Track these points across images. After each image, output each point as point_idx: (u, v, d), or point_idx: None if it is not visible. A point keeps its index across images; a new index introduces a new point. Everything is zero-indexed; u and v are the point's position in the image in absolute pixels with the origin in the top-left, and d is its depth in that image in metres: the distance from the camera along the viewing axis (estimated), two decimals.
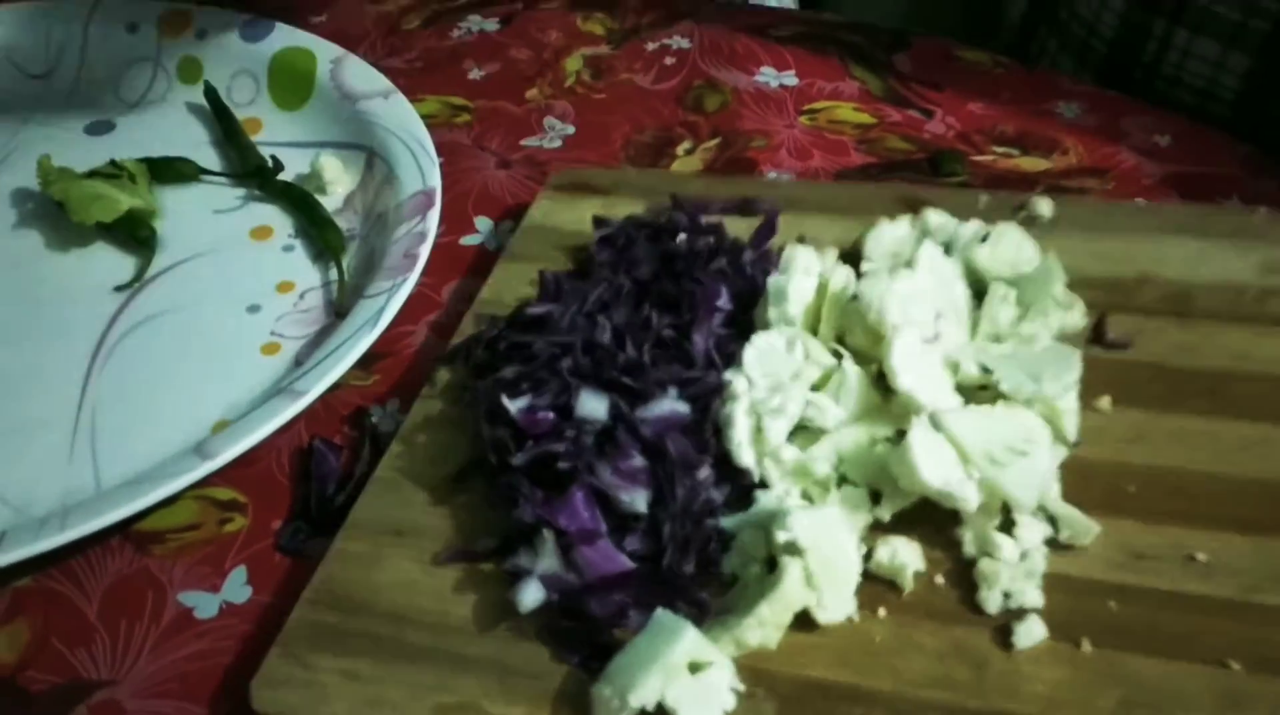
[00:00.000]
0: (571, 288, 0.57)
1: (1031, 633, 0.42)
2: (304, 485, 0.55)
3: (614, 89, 0.78)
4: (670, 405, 0.50)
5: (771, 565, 0.45)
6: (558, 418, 0.50)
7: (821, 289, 0.53)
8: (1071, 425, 0.48)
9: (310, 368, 0.57)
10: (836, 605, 0.44)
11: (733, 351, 0.52)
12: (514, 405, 0.50)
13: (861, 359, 0.50)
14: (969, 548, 0.45)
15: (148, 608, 0.51)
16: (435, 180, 0.67)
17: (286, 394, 0.56)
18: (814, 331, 0.53)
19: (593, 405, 0.50)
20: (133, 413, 0.60)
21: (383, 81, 0.75)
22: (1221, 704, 0.39)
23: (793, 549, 0.43)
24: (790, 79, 0.77)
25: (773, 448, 0.48)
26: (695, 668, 0.42)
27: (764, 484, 0.48)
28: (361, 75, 0.76)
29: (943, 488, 0.44)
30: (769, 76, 0.78)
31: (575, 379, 0.51)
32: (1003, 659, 0.42)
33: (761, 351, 0.51)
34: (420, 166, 0.68)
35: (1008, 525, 0.46)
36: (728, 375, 0.50)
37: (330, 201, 0.70)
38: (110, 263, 0.69)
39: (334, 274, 0.65)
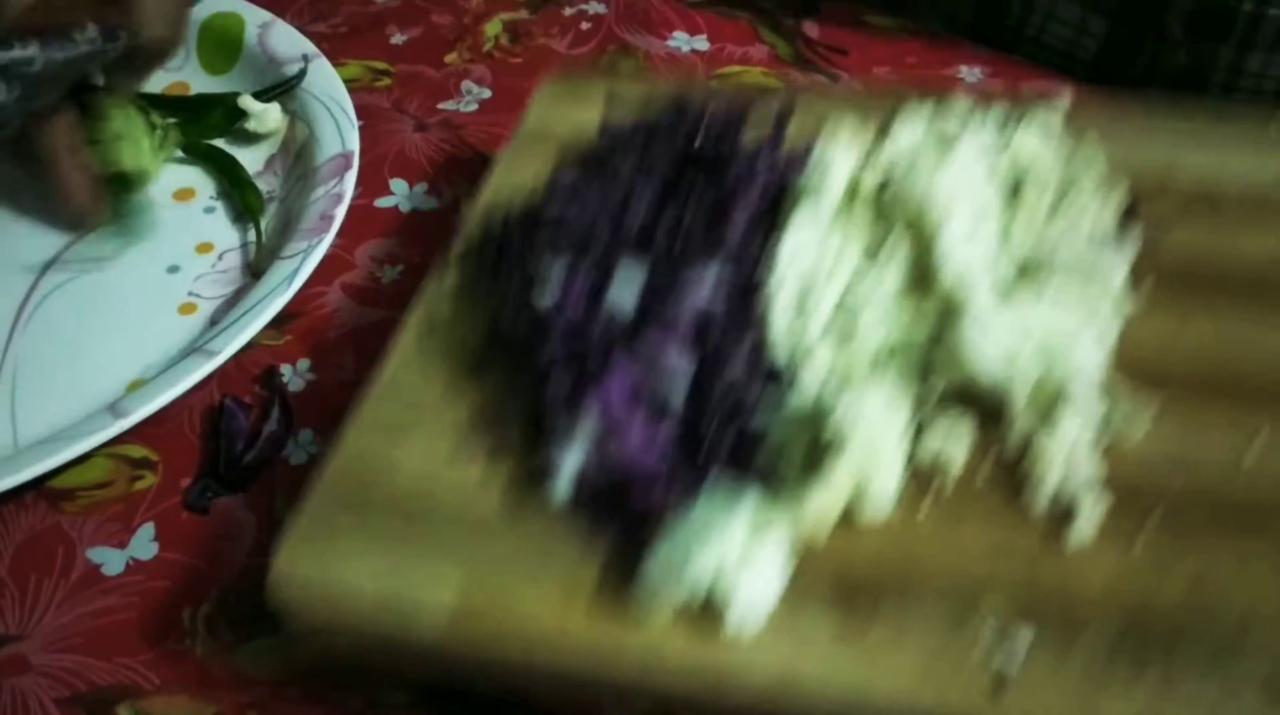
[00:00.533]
0: (588, 186, 0.55)
1: (1085, 523, 0.41)
2: (213, 443, 0.57)
3: (531, 54, 0.79)
4: (708, 291, 0.48)
5: (811, 461, 0.43)
6: (591, 302, 0.49)
7: (854, 183, 0.52)
8: (1118, 314, 0.48)
9: (224, 328, 0.59)
10: (883, 495, 0.43)
11: (768, 244, 0.50)
12: (547, 288, 0.49)
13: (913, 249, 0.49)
14: (1017, 438, 0.44)
15: (58, 564, 0.52)
16: (354, 143, 0.68)
17: (200, 354, 0.57)
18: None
19: (628, 289, 0.48)
20: (52, 373, 0.61)
21: (307, 45, 0.76)
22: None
23: (839, 437, 0.43)
24: (702, 43, 0.78)
25: (814, 333, 0.47)
26: (753, 538, 0.41)
27: (800, 376, 0.46)
28: (287, 39, 0.77)
29: (997, 374, 0.44)
30: (681, 41, 0.79)
31: (608, 260, 0.49)
32: (1055, 552, 0.41)
33: (802, 235, 0.49)
34: (340, 130, 0.69)
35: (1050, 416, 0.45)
36: (774, 262, 0.49)
37: (252, 162, 0.71)
38: (35, 223, 0.69)
39: (252, 235, 0.66)
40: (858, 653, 0.39)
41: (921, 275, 0.48)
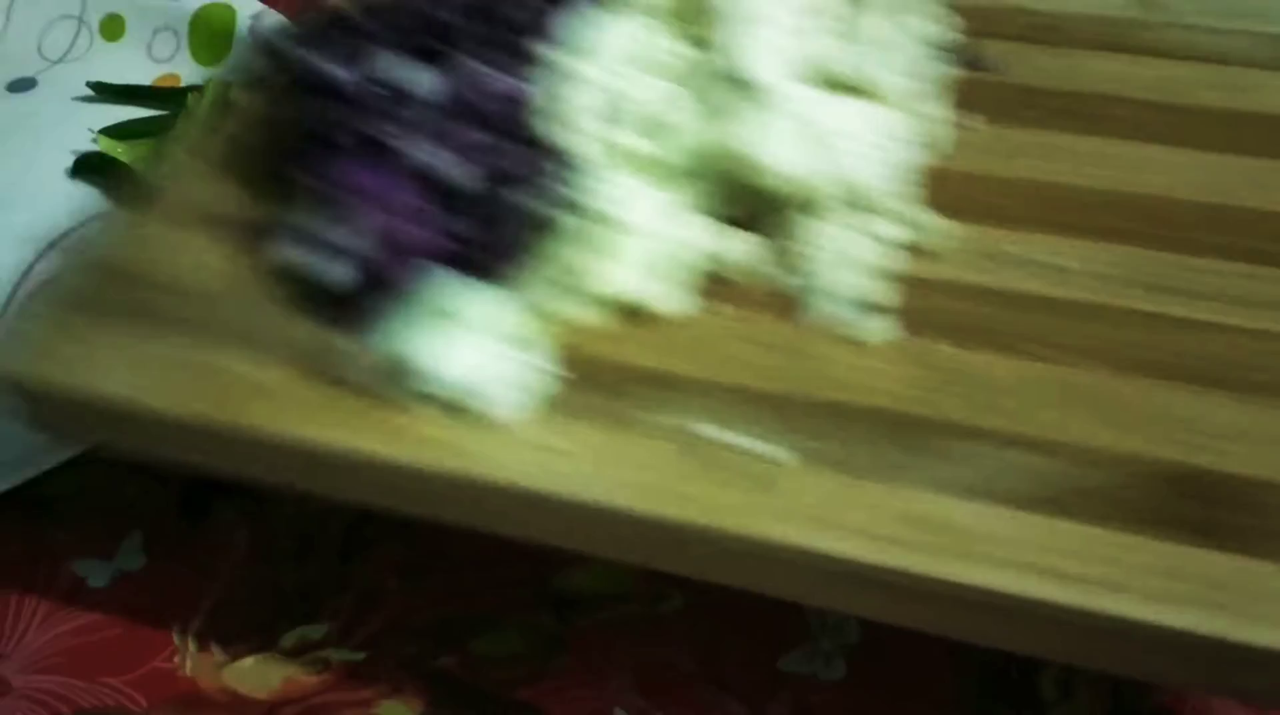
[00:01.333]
0: None
1: (869, 327, 0.40)
2: None
3: None
4: (510, 80, 0.45)
5: (582, 258, 0.42)
6: (388, 91, 0.45)
7: None
8: (938, 131, 0.46)
9: None
10: (672, 296, 0.42)
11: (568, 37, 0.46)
12: (341, 74, 0.45)
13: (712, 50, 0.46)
14: (816, 243, 0.43)
15: (40, 577, 0.50)
16: None
17: None
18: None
19: (425, 77, 0.45)
20: None
21: None
22: (1061, 395, 0.38)
23: (614, 220, 0.42)
24: None
25: (611, 134, 0.44)
26: (493, 335, 0.40)
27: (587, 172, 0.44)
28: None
29: (791, 172, 0.42)
30: None
31: (405, 49, 0.46)
32: (839, 353, 0.40)
33: (612, 35, 0.46)
34: None
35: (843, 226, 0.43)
36: (575, 57, 0.46)
37: None
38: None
39: None
40: (614, 451, 0.37)
41: (724, 74, 0.45)
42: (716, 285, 0.42)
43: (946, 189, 0.44)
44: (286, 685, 0.46)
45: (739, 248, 0.43)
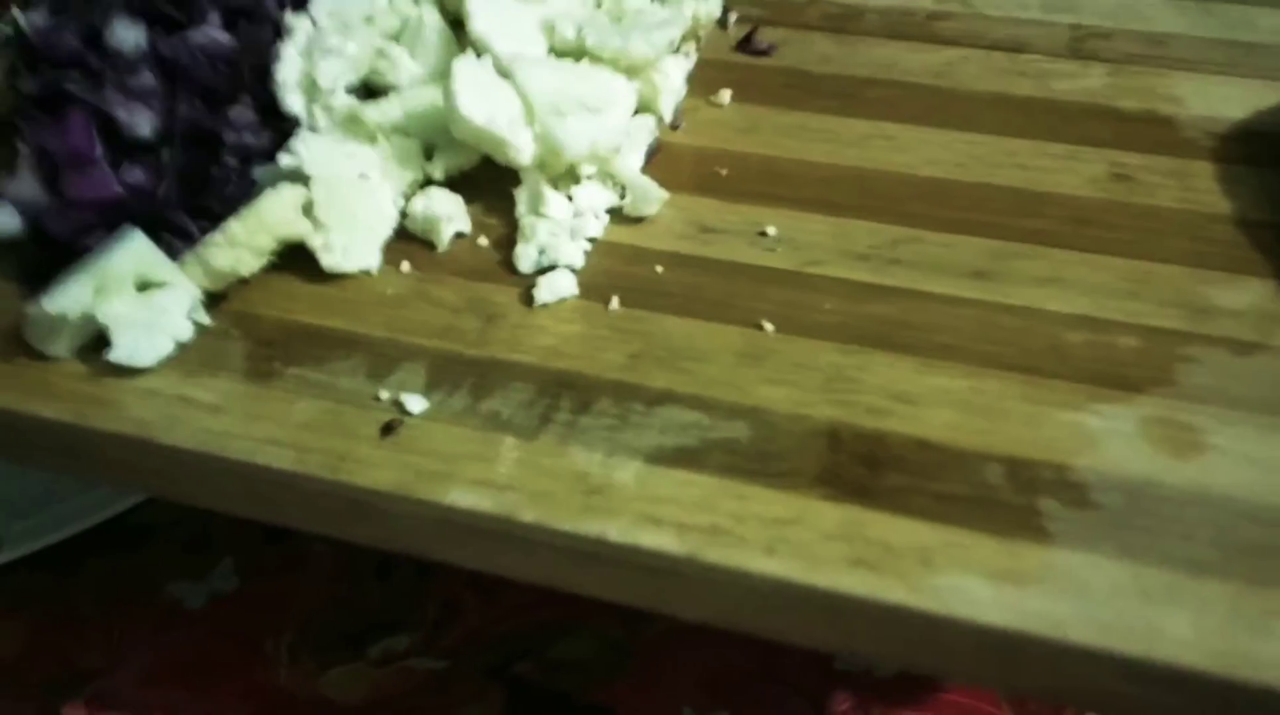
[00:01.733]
0: None
1: (554, 287, 0.39)
2: None
3: None
4: (210, 33, 0.44)
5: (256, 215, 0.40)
6: (84, 46, 0.44)
7: None
8: (669, 103, 0.46)
9: None
10: (353, 253, 0.41)
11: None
12: (32, 23, 0.45)
13: (447, 14, 0.46)
14: (520, 207, 0.42)
15: (140, 599, 0.53)
16: None
17: None
18: None
19: (124, 33, 0.44)
20: None
21: None
22: (739, 358, 0.37)
23: (295, 175, 0.41)
24: None
25: (324, 92, 0.44)
26: (146, 286, 0.39)
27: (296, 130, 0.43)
28: None
29: (487, 127, 0.41)
30: None
31: (139, 14, 0.45)
32: (521, 313, 0.39)
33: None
34: None
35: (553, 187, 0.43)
36: (289, 14, 0.46)
37: None
38: None
39: None
40: (252, 406, 0.37)
41: (452, 38, 0.45)
42: (411, 246, 0.42)
43: (675, 161, 0.45)
44: (375, 692, 0.49)
45: (431, 207, 0.42)
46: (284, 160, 0.41)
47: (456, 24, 0.45)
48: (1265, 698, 0.28)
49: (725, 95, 0.48)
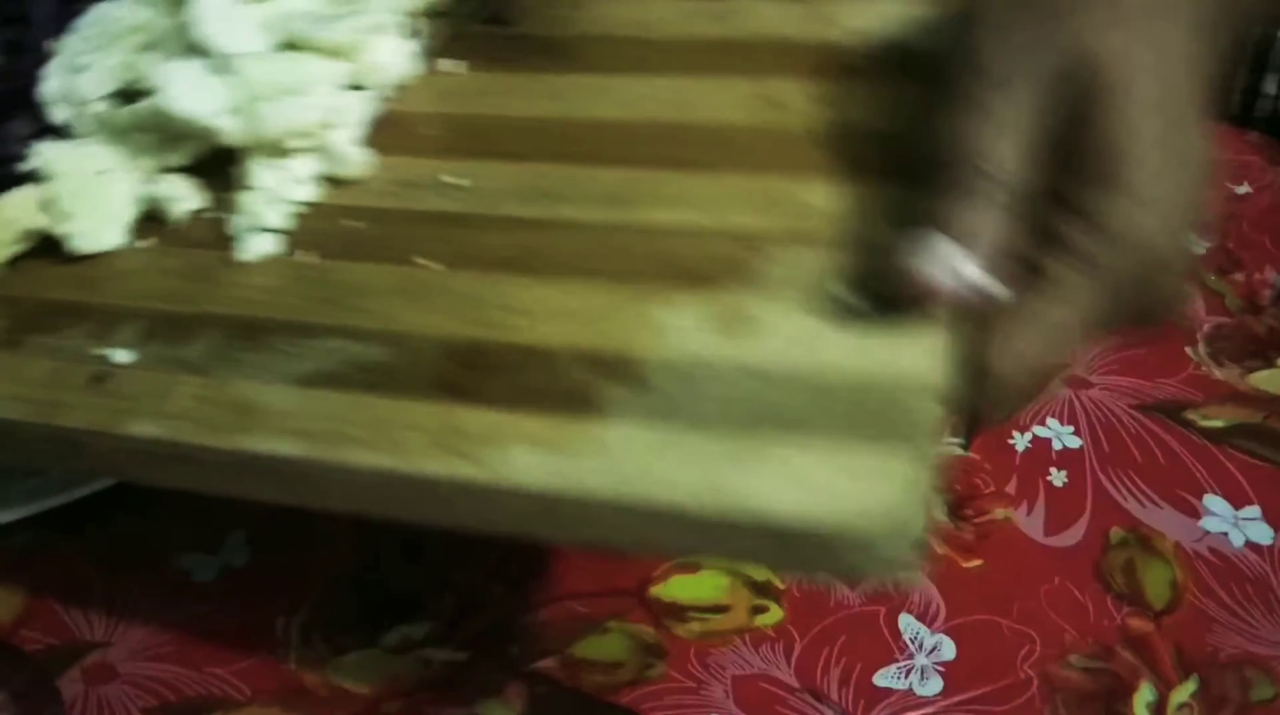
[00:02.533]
0: None
1: (255, 247, 0.44)
2: None
3: None
4: None
5: None
6: None
7: None
8: (383, 79, 0.49)
9: None
10: (97, 237, 0.46)
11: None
12: None
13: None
14: (242, 183, 0.46)
15: (146, 570, 0.51)
16: None
17: None
18: None
19: None
20: None
21: None
22: (397, 292, 0.41)
23: (39, 175, 0.46)
24: None
25: (81, 101, 0.49)
26: None
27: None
28: None
29: (194, 118, 0.46)
30: None
31: None
32: (228, 273, 0.44)
33: (102, 13, 0.51)
34: None
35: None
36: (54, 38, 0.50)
37: None
38: None
39: None
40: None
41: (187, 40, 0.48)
42: (153, 224, 0.46)
43: (390, 129, 0.48)
44: (389, 682, 0.47)
45: (172, 191, 0.47)
46: (29, 163, 0.46)
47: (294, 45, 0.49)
48: (738, 523, 0.32)
49: (457, 65, 0.51)
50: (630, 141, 0.45)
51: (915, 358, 0.35)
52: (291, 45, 0.49)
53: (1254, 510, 0.53)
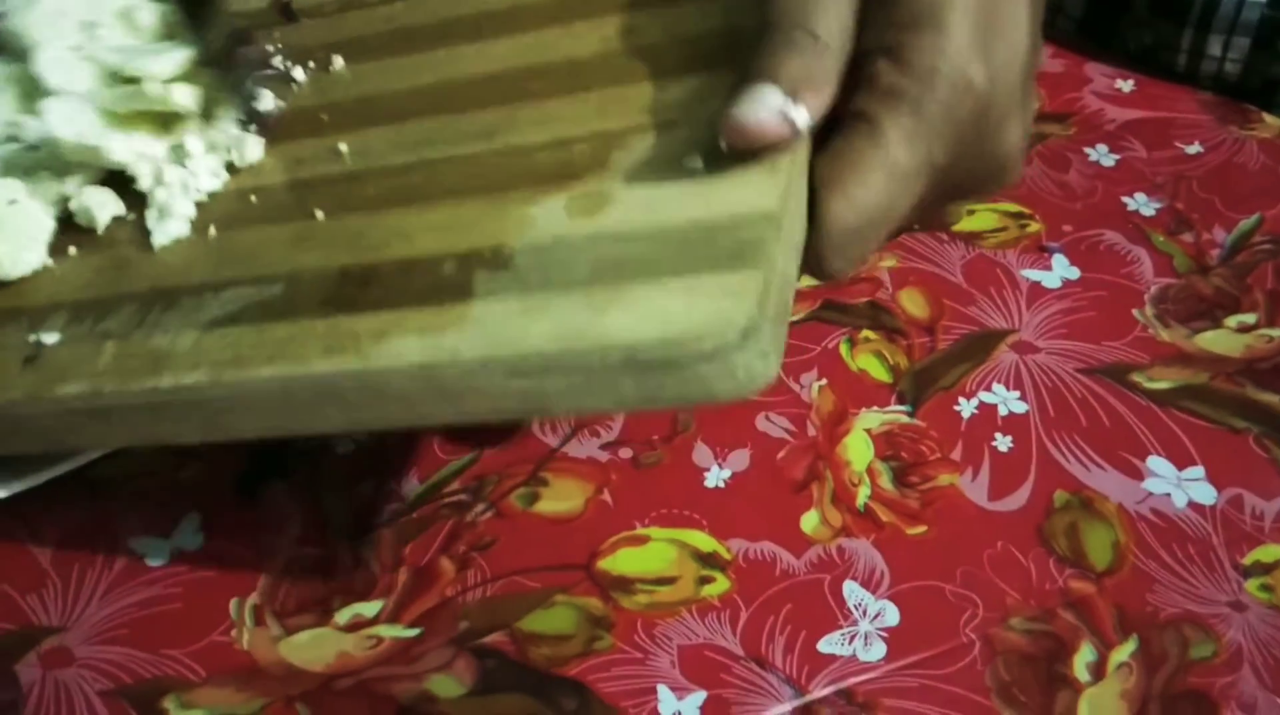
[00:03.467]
0: None
1: (166, 232, 0.48)
2: None
3: None
4: None
5: None
6: None
7: None
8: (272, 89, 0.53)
9: None
10: (15, 258, 0.49)
11: None
12: None
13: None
14: (142, 184, 0.51)
15: (100, 555, 0.51)
16: None
17: None
18: None
19: None
20: None
21: None
22: (290, 242, 0.45)
23: None
24: None
25: None
26: None
27: None
28: None
29: (79, 142, 0.51)
30: None
31: None
32: (144, 258, 0.48)
33: None
34: None
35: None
36: None
37: None
38: None
39: None
40: None
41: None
42: (80, 236, 0.50)
43: (284, 121, 0.52)
44: (341, 659, 0.47)
45: (94, 199, 0.51)
46: None
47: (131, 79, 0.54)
48: (599, 359, 0.35)
49: (336, 62, 0.54)
50: (498, 86, 0.49)
51: (756, 197, 0.38)
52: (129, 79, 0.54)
53: (1197, 471, 0.54)
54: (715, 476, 0.54)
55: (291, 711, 0.46)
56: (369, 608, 0.49)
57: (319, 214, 0.46)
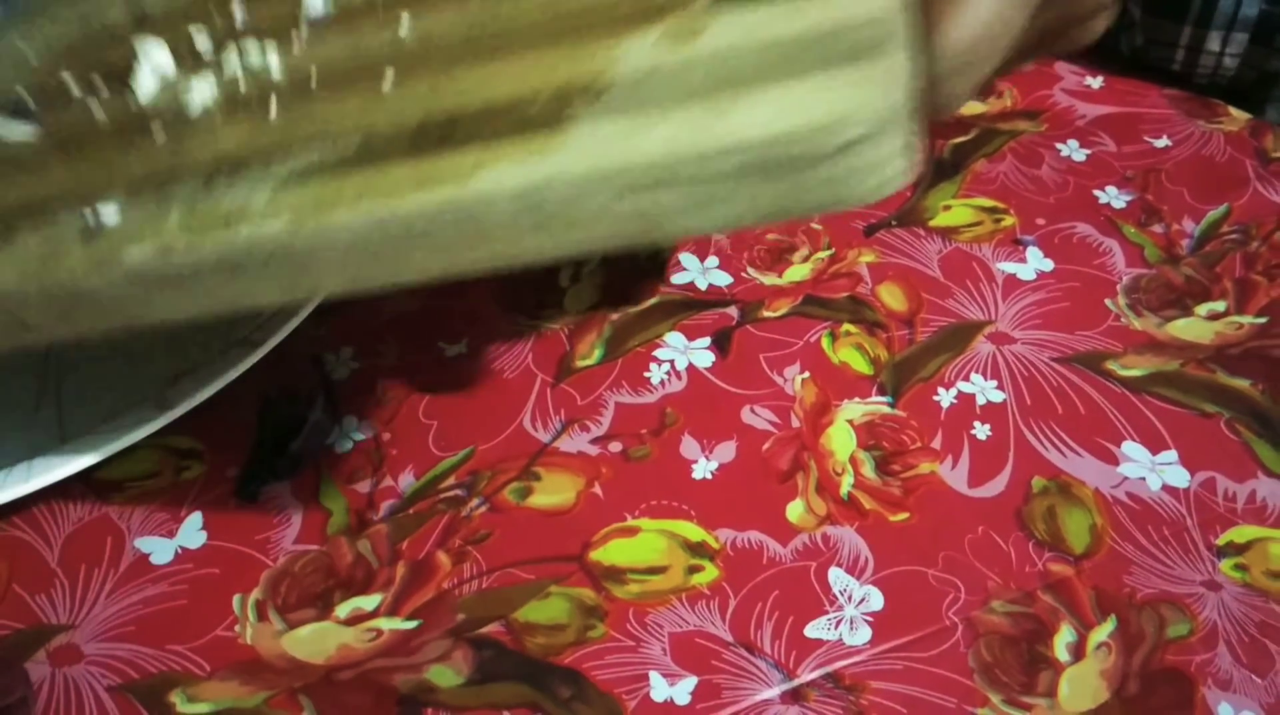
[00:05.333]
0: None
1: (224, 106, 0.44)
2: (259, 432, 0.57)
3: None
4: None
5: None
6: None
7: None
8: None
9: (267, 318, 0.58)
10: None
11: None
12: None
13: None
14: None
15: (106, 554, 0.52)
16: None
17: (243, 345, 0.57)
18: None
19: None
20: (97, 366, 0.60)
21: None
22: (362, 111, 0.41)
23: None
24: None
25: None
26: None
27: None
28: None
29: None
30: None
31: None
32: (207, 134, 0.43)
33: None
34: None
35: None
36: None
37: None
38: None
39: None
40: None
41: None
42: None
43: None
44: (342, 652, 0.48)
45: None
46: None
47: None
48: (723, 155, 0.34)
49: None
50: None
51: (877, 5, 0.34)
52: None
53: (1171, 455, 0.55)
54: (703, 468, 0.55)
55: (295, 703, 0.47)
56: (368, 601, 0.50)
57: (388, 76, 0.42)
